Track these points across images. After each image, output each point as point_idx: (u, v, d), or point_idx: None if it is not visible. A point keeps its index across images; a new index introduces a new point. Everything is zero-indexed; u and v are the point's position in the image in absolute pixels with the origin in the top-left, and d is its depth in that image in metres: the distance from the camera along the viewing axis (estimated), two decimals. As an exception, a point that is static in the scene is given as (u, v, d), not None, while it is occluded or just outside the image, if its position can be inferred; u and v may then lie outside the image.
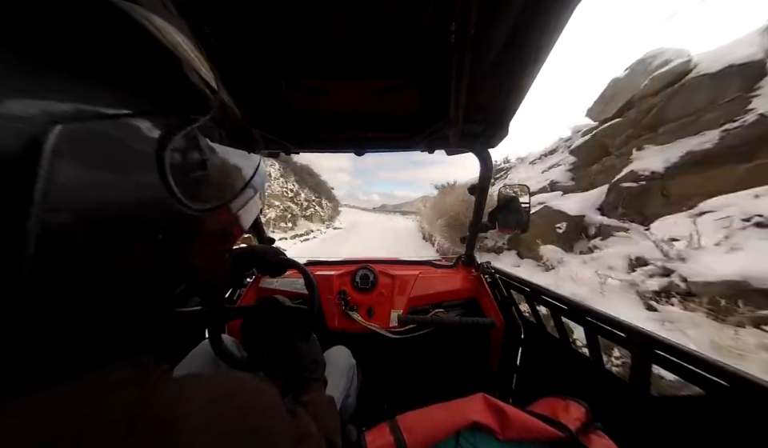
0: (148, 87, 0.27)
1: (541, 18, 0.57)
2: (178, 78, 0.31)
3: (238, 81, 0.74)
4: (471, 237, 1.42)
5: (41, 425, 0.20)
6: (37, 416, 0.21)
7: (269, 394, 0.34)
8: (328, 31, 0.63)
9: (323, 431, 0.43)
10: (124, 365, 0.27)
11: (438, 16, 0.57)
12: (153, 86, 0.28)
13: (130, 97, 0.25)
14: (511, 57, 0.68)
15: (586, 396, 0.68)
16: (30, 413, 0.21)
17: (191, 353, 0.90)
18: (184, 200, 0.28)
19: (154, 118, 0.26)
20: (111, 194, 0.23)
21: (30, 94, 0.20)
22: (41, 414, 0.21)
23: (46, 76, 0.21)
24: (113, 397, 0.24)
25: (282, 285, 1.39)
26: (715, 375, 0.53)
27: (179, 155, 0.28)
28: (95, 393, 0.23)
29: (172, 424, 0.24)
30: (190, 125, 0.29)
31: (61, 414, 0.21)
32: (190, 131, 0.29)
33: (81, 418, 0.22)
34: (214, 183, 0.33)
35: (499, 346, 1.23)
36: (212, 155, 0.32)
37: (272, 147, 1.08)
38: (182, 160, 0.28)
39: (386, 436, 0.59)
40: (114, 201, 0.23)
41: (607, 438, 0.60)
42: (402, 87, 0.82)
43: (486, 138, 1.06)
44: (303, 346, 0.76)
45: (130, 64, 0.26)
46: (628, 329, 0.69)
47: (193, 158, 0.29)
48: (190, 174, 0.29)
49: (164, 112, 0.27)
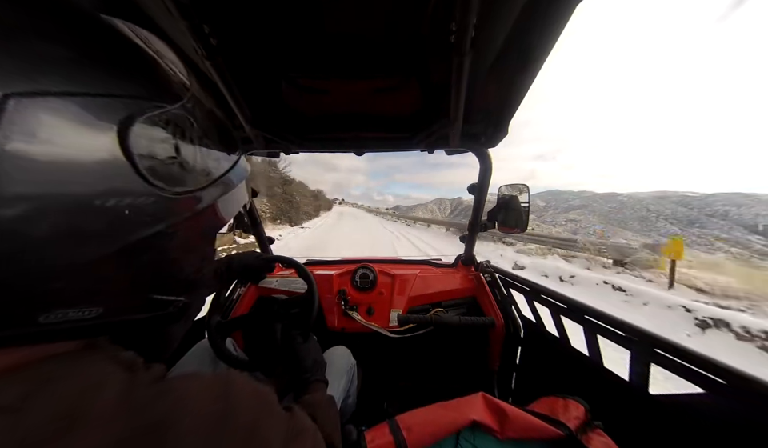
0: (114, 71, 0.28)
1: (540, 18, 0.57)
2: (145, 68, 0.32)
3: (237, 80, 0.74)
4: (471, 236, 1.43)
5: None
6: None
7: (265, 393, 0.34)
8: (328, 31, 0.63)
9: (323, 430, 0.43)
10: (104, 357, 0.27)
11: (438, 16, 0.57)
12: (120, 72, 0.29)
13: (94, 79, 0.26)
14: (511, 57, 0.68)
15: (585, 395, 0.69)
16: None
17: (189, 352, 0.90)
18: (151, 179, 0.28)
19: (119, 101, 0.27)
20: (69, 170, 0.23)
21: None
22: None
23: None
24: (98, 394, 0.23)
25: (281, 284, 1.39)
26: (715, 374, 0.53)
27: (147, 138, 0.29)
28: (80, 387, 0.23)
29: (165, 423, 0.24)
30: (157, 110, 0.30)
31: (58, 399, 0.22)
32: (158, 117, 0.30)
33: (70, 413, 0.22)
34: (188, 170, 0.33)
35: (499, 345, 1.23)
36: (185, 143, 0.33)
37: (271, 147, 1.08)
38: (150, 144, 0.29)
39: (385, 435, 0.59)
40: (73, 178, 0.23)
41: (607, 437, 0.60)
42: (402, 87, 0.82)
43: (485, 138, 1.06)
44: (303, 347, 0.76)
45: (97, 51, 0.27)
46: (628, 328, 0.69)
47: (163, 144, 0.30)
48: (160, 159, 0.30)
49: (129, 96, 0.28)
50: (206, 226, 0.40)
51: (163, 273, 0.34)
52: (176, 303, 0.37)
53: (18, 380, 0.22)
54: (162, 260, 0.33)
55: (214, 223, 0.41)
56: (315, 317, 0.87)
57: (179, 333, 0.44)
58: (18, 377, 0.23)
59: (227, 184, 0.41)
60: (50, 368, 0.24)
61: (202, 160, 0.36)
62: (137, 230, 0.28)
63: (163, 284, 0.34)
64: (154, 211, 0.29)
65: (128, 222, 0.27)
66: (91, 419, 0.22)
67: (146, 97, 0.30)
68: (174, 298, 0.36)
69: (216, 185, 0.38)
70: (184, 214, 0.33)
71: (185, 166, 0.33)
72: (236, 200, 0.44)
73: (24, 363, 0.24)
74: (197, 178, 0.35)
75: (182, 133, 0.33)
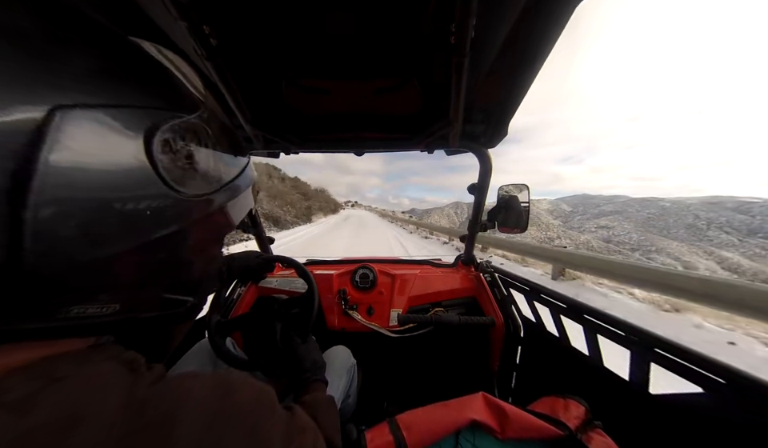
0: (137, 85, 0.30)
1: (540, 19, 0.57)
2: (166, 81, 0.34)
3: (238, 81, 0.74)
4: (471, 236, 1.43)
5: None
6: None
7: (266, 392, 0.34)
8: (328, 31, 0.63)
9: (323, 430, 0.43)
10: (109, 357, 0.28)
11: (438, 17, 0.57)
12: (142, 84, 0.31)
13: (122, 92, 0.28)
14: (511, 57, 0.68)
15: (585, 395, 0.69)
16: None
17: (189, 352, 0.90)
18: (171, 183, 0.30)
19: (144, 111, 0.29)
20: (101, 177, 0.25)
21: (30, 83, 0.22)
22: None
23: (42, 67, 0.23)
24: (102, 394, 0.24)
25: (281, 284, 1.39)
26: (715, 374, 0.53)
27: (169, 145, 0.30)
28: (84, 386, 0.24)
29: (167, 422, 0.24)
30: (177, 120, 0.32)
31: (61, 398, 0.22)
32: (176, 126, 0.31)
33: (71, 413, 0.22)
34: (204, 174, 0.35)
35: (499, 344, 1.23)
36: (201, 150, 0.35)
37: (272, 147, 1.08)
38: (171, 149, 0.31)
39: (385, 435, 0.59)
40: (104, 185, 0.25)
41: (607, 437, 0.60)
42: (402, 87, 0.82)
43: (485, 138, 1.06)
44: (303, 347, 0.77)
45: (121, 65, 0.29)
46: (628, 327, 0.69)
47: (182, 151, 0.32)
48: (178, 164, 0.31)
49: (154, 108, 0.30)
50: (216, 229, 0.41)
51: (176, 273, 0.35)
52: (185, 303, 0.38)
53: (24, 379, 0.23)
54: (176, 260, 0.34)
55: (224, 226, 0.42)
56: (315, 318, 0.87)
57: (183, 332, 0.45)
58: (23, 375, 0.23)
59: (236, 188, 0.43)
60: (55, 367, 0.24)
61: (215, 165, 0.38)
62: (155, 229, 0.29)
63: (176, 284, 0.36)
64: (171, 213, 0.31)
65: (148, 222, 0.29)
66: (95, 418, 0.22)
67: (168, 108, 0.32)
68: (184, 298, 0.38)
69: (226, 189, 0.40)
70: (198, 216, 0.35)
71: (200, 170, 0.35)
72: (244, 204, 0.46)
73: (30, 362, 0.24)
74: (210, 183, 0.37)
75: (198, 140, 0.35)
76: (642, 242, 28.17)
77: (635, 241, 31.54)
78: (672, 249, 26.89)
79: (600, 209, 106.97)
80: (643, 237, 44.74)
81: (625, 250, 20.63)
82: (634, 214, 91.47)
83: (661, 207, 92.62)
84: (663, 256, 23.06)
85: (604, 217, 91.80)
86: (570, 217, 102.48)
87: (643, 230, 69.88)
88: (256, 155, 1.23)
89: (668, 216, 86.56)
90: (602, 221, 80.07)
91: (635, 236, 45.17)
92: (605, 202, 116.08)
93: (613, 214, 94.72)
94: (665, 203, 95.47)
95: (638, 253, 20.64)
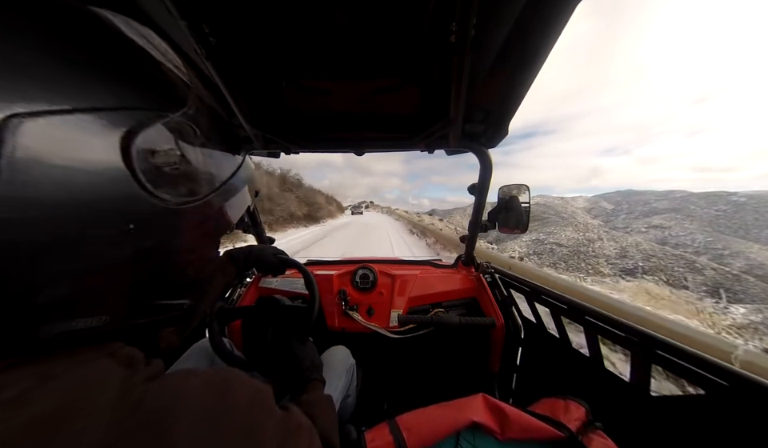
0: (116, 83, 0.27)
1: (540, 18, 0.57)
2: (146, 75, 0.31)
3: (238, 80, 0.74)
4: (471, 236, 1.42)
5: None
6: None
7: (262, 391, 0.34)
8: (328, 31, 0.63)
9: (320, 429, 0.43)
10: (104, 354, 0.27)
11: (438, 16, 0.57)
12: (122, 82, 0.28)
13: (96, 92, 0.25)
14: (511, 57, 0.68)
15: (585, 396, 0.68)
16: None
17: (189, 350, 0.90)
18: (155, 192, 0.28)
19: (121, 113, 0.26)
20: (71, 187, 0.23)
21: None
22: None
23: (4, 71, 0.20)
24: (98, 390, 0.24)
25: (281, 284, 1.39)
26: (715, 375, 0.53)
27: (151, 150, 0.28)
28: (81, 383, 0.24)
29: (164, 417, 0.24)
30: (159, 120, 0.29)
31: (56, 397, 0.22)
32: (160, 126, 0.29)
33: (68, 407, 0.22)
34: (192, 178, 0.33)
35: (499, 345, 1.23)
36: (188, 151, 0.33)
37: (272, 147, 1.08)
38: (153, 154, 0.28)
39: (385, 436, 0.59)
40: (75, 194, 0.23)
41: (607, 439, 0.60)
42: (402, 87, 0.82)
43: (485, 138, 1.06)
44: (301, 349, 0.77)
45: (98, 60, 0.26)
46: (628, 328, 0.69)
47: (166, 153, 0.30)
48: (164, 169, 0.29)
49: (132, 108, 0.28)
50: (209, 231, 0.40)
51: (167, 278, 0.34)
52: (182, 306, 0.37)
53: (19, 376, 0.22)
54: (166, 267, 0.33)
55: (219, 227, 0.41)
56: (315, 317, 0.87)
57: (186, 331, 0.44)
58: (19, 373, 0.23)
59: (230, 189, 0.41)
60: (50, 364, 0.24)
61: (205, 165, 0.36)
62: (139, 240, 0.28)
63: (168, 289, 0.34)
64: (156, 223, 0.29)
65: (130, 235, 0.27)
66: (91, 415, 0.22)
67: (147, 107, 0.29)
68: (177, 302, 0.37)
69: (218, 191, 0.38)
70: (187, 222, 0.33)
71: (188, 173, 0.33)
72: (239, 203, 0.45)
73: (24, 360, 0.24)
74: (200, 184, 0.35)
75: (185, 140, 0.32)
76: (711, 245, 24.02)
77: (700, 242, 26.86)
78: (753, 253, 21.97)
79: (650, 206, 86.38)
80: (711, 238, 34.01)
81: (687, 253, 17.23)
82: (697, 212, 72.39)
83: (733, 203, 73.17)
84: (741, 261, 19.44)
85: (656, 215, 71.31)
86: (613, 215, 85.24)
87: (711, 229, 55.08)
88: (256, 155, 1.23)
89: (744, 213, 68.94)
90: (655, 220, 61.11)
91: (700, 237, 34.87)
92: (657, 198, 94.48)
93: (668, 211, 75.37)
94: (738, 198, 75.63)
95: (705, 257, 17.28)
